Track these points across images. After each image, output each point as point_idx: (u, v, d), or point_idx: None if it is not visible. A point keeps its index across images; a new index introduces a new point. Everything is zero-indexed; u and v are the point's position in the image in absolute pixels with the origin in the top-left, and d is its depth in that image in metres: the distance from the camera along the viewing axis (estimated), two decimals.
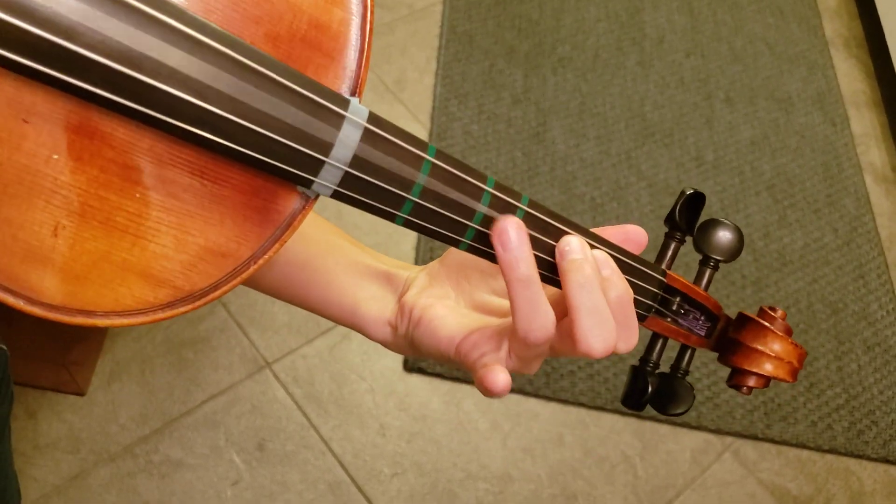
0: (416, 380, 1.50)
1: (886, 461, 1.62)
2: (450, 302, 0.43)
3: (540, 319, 0.35)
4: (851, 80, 2.28)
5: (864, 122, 2.19)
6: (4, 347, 0.62)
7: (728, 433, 1.58)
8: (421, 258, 1.61)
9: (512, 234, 0.34)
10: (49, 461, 1.28)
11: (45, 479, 1.27)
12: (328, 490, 1.36)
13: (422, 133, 1.82)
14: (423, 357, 0.44)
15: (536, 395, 1.53)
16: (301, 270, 0.46)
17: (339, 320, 0.46)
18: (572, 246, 0.37)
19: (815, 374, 1.69)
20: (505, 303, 0.43)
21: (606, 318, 0.36)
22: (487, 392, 0.37)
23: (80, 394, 1.35)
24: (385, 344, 0.46)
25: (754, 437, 1.59)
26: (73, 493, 1.27)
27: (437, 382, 1.50)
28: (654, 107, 2.03)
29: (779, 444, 1.59)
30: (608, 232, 0.43)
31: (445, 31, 2.02)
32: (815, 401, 1.65)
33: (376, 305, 0.45)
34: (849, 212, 1.98)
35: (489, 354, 0.39)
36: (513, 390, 1.52)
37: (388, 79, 1.90)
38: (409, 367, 1.50)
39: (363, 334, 0.46)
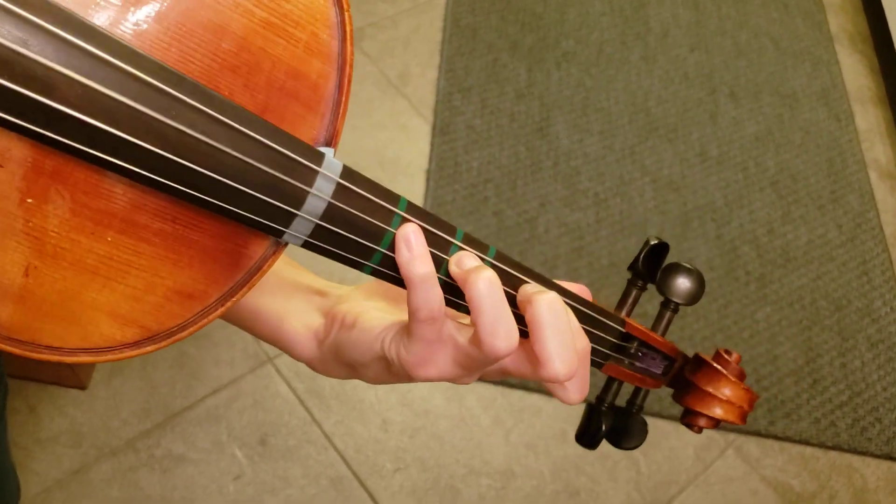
0: None
1: (890, 458, 1.61)
2: (383, 308, 0.42)
3: (504, 327, 0.34)
4: (856, 75, 2.27)
5: (868, 118, 2.18)
6: None
7: (731, 430, 1.57)
8: None
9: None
10: (50, 455, 1.28)
11: (47, 473, 1.26)
12: (330, 485, 1.35)
13: (425, 128, 1.82)
14: (344, 366, 0.42)
15: (539, 391, 1.52)
16: None
17: (265, 337, 0.45)
18: (550, 299, 0.35)
19: (818, 370, 1.69)
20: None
21: (572, 350, 0.35)
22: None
23: (82, 388, 1.34)
24: (309, 360, 0.44)
25: (757, 434, 1.58)
26: (75, 487, 1.26)
27: None
28: (658, 102, 2.02)
29: (782, 441, 1.59)
30: (566, 286, 0.42)
31: (449, 25, 2.01)
32: (818, 397, 1.65)
33: (302, 319, 0.44)
34: (853, 208, 1.97)
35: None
36: (515, 386, 1.51)
37: (391, 73, 1.89)
38: None
39: (288, 352, 0.45)
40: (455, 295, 0.36)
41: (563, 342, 0.34)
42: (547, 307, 0.34)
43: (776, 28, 2.29)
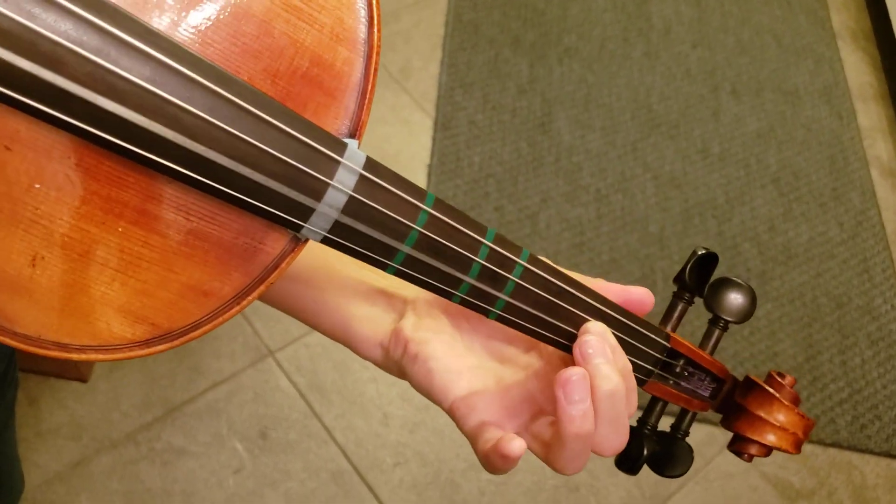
0: None
1: (889, 455, 1.61)
2: (447, 338, 0.41)
3: (581, 465, 0.34)
4: (859, 73, 2.27)
5: (870, 115, 2.18)
6: None
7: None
8: None
9: (577, 384, 0.33)
10: (51, 447, 1.28)
11: (48, 466, 1.27)
12: (330, 479, 1.35)
13: (426, 122, 1.81)
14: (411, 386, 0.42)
15: None
16: (291, 283, 0.44)
17: (329, 334, 0.44)
18: (594, 346, 0.35)
19: (818, 367, 1.69)
20: (507, 350, 0.41)
21: (621, 422, 0.35)
22: (498, 461, 0.34)
23: (83, 380, 1.34)
24: (376, 364, 0.44)
25: None
26: (76, 479, 1.26)
27: None
28: (661, 98, 2.02)
29: None
30: (611, 290, 0.41)
31: (451, 20, 2.00)
32: (818, 394, 1.65)
33: (369, 326, 0.43)
34: (854, 206, 1.97)
35: (491, 428, 0.37)
36: None
37: (392, 67, 1.89)
38: None
39: (353, 351, 0.44)
40: (480, 299, 0.34)
41: (614, 427, 0.34)
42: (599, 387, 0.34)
43: (779, 25, 2.29)
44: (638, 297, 0.41)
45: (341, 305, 0.43)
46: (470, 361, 0.40)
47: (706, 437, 1.55)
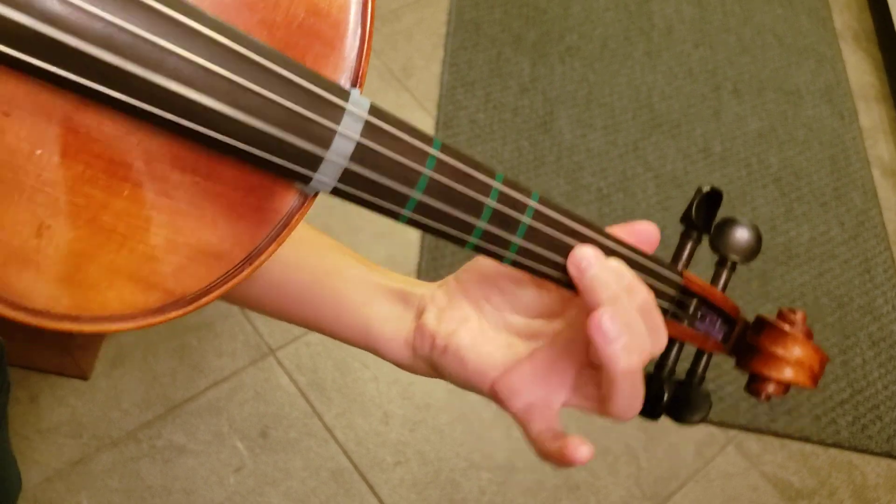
0: None
1: (890, 456, 1.61)
2: (473, 324, 0.40)
3: (638, 405, 0.34)
4: (860, 73, 2.27)
5: (872, 115, 2.18)
6: (0, 339, 0.61)
7: (732, 426, 1.57)
8: (426, 246, 1.60)
9: (608, 324, 0.32)
10: (51, 445, 1.28)
11: (48, 464, 1.27)
12: (331, 478, 1.35)
13: (428, 121, 1.81)
14: (447, 381, 0.42)
15: None
16: (308, 290, 0.44)
17: (352, 341, 0.44)
18: (589, 259, 0.35)
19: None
20: (534, 323, 0.41)
21: (639, 331, 0.34)
22: (566, 464, 0.34)
23: (83, 378, 1.34)
24: (402, 366, 0.43)
25: (758, 431, 1.58)
26: (76, 477, 1.26)
27: None
28: (662, 97, 2.02)
29: (782, 438, 1.59)
30: (617, 231, 0.41)
31: (453, 19, 2.00)
32: (819, 395, 1.65)
33: (390, 326, 0.42)
34: (856, 206, 1.97)
35: (540, 409, 0.37)
36: None
37: (394, 66, 1.88)
38: None
39: (378, 355, 0.43)
40: (494, 243, 0.34)
41: (630, 338, 0.33)
42: (603, 303, 0.33)
43: (780, 24, 2.29)
44: (644, 230, 0.41)
45: (359, 308, 0.43)
46: (501, 341, 0.40)
47: (706, 437, 1.55)
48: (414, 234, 1.60)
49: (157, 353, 1.40)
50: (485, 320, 0.41)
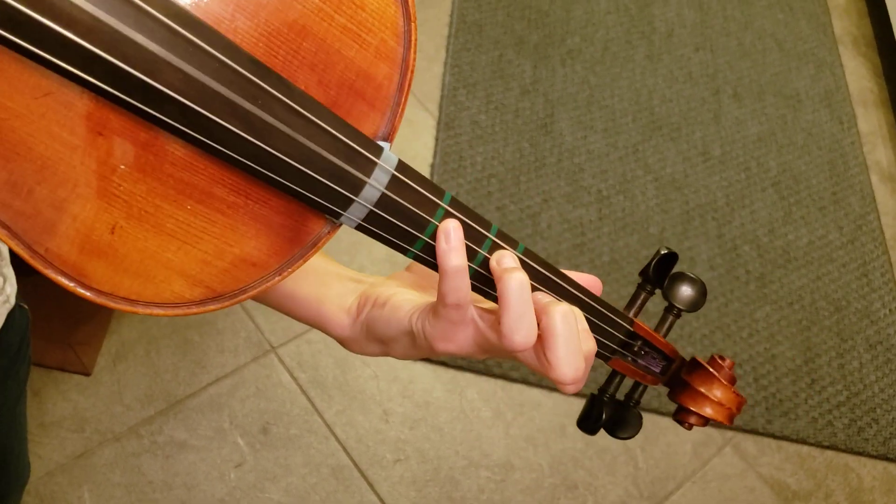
0: (420, 367, 1.50)
1: (886, 458, 1.62)
2: (411, 294, 0.46)
3: (526, 326, 0.37)
4: (859, 78, 2.28)
5: (870, 120, 2.19)
6: (26, 307, 0.61)
7: (729, 427, 1.58)
8: None
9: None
10: (54, 440, 1.29)
11: (50, 458, 1.27)
12: (331, 474, 1.36)
13: (430, 122, 1.82)
14: (375, 342, 0.46)
15: (539, 386, 1.53)
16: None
17: (302, 317, 0.49)
18: (564, 311, 0.39)
19: (816, 370, 1.70)
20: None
21: (580, 356, 0.38)
22: (442, 243, 0.38)
23: (86, 373, 1.35)
24: (342, 338, 0.48)
25: (755, 432, 1.59)
26: (78, 471, 1.27)
27: (440, 370, 1.51)
28: (662, 101, 2.03)
29: (779, 440, 1.60)
30: (580, 277, 0.47)
31: (455, 21, 2.02)
32: (816, 397, 1.66)
33: (339, 300, 0.48)
34: (854, 210, 1.98)
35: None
36: (516, 380, 1.52)
37: None
38: None
39: (324, 331, 0.49)
40: (486, 285, 0.40)
41: (573, 351, 0.38)
42: (561, 318, 0.38)
43: (781, 30, 2.30)
44: (594, 283, 0.47)
45: (315, 289, 0.48)
46: (430, 296, 0.45)
47: (704, 438, 1.56)
48: None
49: (159, 349, 1.41)
50: (423, 295, 0.46)
